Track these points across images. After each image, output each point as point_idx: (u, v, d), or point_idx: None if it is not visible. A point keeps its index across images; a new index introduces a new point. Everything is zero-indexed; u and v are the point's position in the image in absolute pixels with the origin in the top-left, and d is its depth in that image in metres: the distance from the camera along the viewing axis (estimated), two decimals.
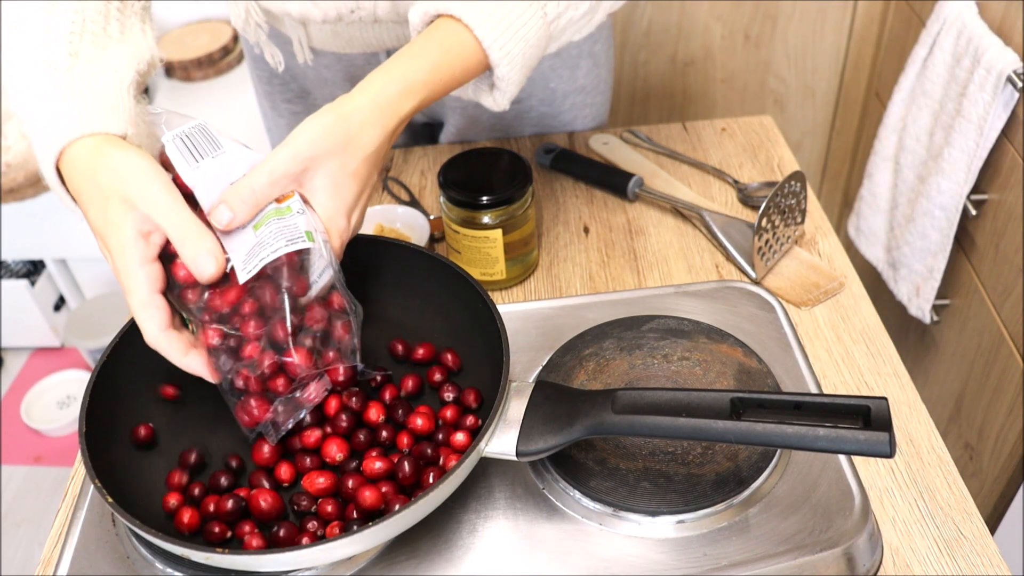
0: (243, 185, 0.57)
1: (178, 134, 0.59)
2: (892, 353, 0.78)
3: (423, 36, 0.64)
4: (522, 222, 0.83)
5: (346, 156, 0.59)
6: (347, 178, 0.60)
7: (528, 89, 1.02)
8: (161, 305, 0.58)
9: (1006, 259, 1.16)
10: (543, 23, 0.66)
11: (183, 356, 0.59)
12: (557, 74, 1.01)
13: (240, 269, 0.57)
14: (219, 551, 0.53)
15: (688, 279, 0.87)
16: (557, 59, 1.00)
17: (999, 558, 0.62)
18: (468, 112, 1.03)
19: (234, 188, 0.57)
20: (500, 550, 0.60)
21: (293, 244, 0.57)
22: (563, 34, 0.70)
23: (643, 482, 0.62)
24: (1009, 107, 1.10)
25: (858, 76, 1.73)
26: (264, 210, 0.58)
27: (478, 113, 1.03)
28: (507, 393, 0.61)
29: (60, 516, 0.69)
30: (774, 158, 1.02)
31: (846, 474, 0.62)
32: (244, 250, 0.57)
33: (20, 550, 1.72)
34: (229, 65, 1.88)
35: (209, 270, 0.56)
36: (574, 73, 1.02)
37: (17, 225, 1.79)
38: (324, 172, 0.59)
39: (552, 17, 0.67)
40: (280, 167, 0.58)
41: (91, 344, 1.87)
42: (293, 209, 0.58)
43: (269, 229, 0.57)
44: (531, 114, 1.05)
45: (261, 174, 0.57)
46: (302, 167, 0.58)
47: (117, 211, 0.57)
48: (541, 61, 0.98)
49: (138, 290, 0.57)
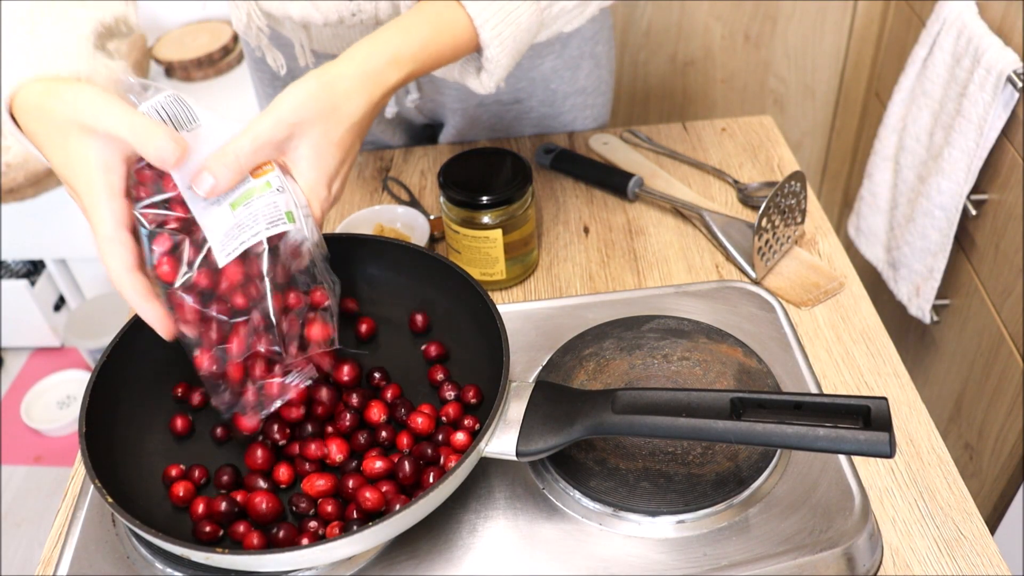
0: (226, 151, 0.56)
1: (153, 105, 0.57)
2: (892, 353, 0.78)
3: (414, 10, 0.63)
4: (522, 222, 0.83)
5: (329, 124, 0.59)
6: (330, 147, 0.59)
7: (529, 90, 1.01)
8: (127, 242, 0.56)
9: (1006, 259, 1.16)
10: (536, 8, 0.66)
11: (144, 301, 0.57)
12: (558, 75, 1.01)
13: (219, 251, 0.56)
14: (219, 551, 0.53)
15: (688, 279, 0.87)
16: (559, 60, 1.00)
17: (999, 558, 0.62)
18: (468, 113, 1.03)
19: (217, 155, 0.56)
20: (500, 550, 0.60)
21: (274, 227, 0.56)
22: (555, 23, 0.70)
23: (643, 482, 0.62)
24: (1009, 107, 1.10)
25: (858, 76, 1.73)
26: (242, 186, 0.57)
27: (478, 114, 1.03)
28: (507, 393, 0.61)
29: (60, 516, 0.69)
30: (774, 158, 1.02)
31: (846, 474, 0.62)
32: (222, 230, 0.56)
33: (20, 550, 1.72)
34: (229, 65, 1.88)
35: (170, 154, 0.54)
36: (575, 74, 1.02)
37: (17, 225, 1.79)
38: (307, 140, 0.58)
39: (545, 4, 0.67)
40: (264, 133, 0.56)
41: (91, 344, 1.87)
42: (272, 186, 0.57)
43: (249, 210, 0.56)
44: (532, 115, 1.04)
45: (245, 140, 0.56)
46: (286, 133, 0.57)
47: (77, 143, 0.55)
48: (542, 62, 0.98)
49: (103, 224, 0.55)
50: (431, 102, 1.02)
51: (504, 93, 1.01)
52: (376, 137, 1.07)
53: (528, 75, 1.00)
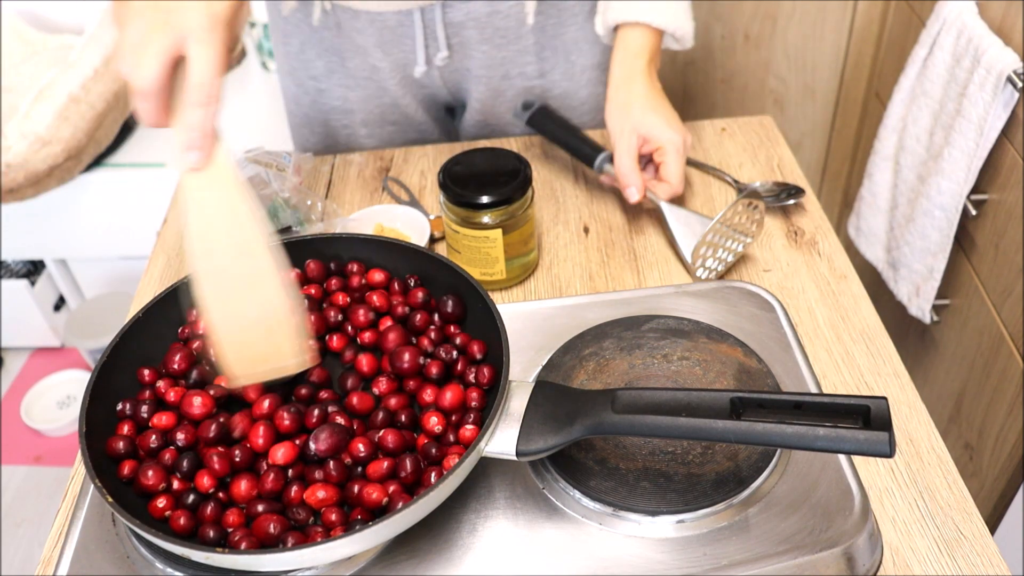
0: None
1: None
2: (892, 353, 0.78)
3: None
4: (522, 222, 0.83)
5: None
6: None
7: (552, 60, 1.04)
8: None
9: (1006, 259, 1.16)
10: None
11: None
12: (578, 47, 1.04)
13: None
14: (219, 551, 0.53)
15: (688, 279, 0.87)
16: (580, 32, 1.03)
17: (999, 558, 0.62)
18: (493, 85, 1.04)
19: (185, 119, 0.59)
20: (500, 550, 0.60)
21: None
22: None
23: (643, 482, 0.62)
24: (1009, 107, 1.10)
25: (858, 76, 1.73)
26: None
27: (503, 88, 1.05)
28: (507, 393, 0.61)
29: (60, 516, 0.69)
30: (774, 158, 1.02)
31: (846, 474, 0.62)
32: None
33: (20, 550, 1.72)
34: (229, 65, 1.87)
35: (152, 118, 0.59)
36: (593, 48, 1.05)
37: (17, 225, 1.79)
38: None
39: None
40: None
41: (91, 344, 1.87)
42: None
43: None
44: (555, 91, 1.06)
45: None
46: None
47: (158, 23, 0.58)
48: (566, 31, 1.02)
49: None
50: (457, 71, 1.04)
51: (529, 64, 1.03)
52: (396, 100, 1.07)
53: (552, 43, 1.02)
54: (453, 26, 0.99)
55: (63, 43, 1.74)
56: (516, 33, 1.00)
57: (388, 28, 0.98)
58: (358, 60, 1.02)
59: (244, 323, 0.62)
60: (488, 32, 0.99)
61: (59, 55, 1.71)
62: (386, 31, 0.99)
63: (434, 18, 0.97)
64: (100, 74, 1.61)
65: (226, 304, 0.62)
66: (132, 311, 0.83)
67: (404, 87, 1.06)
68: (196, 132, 0.59)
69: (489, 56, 1.02)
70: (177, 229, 0.99)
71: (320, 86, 1.07)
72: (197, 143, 0.59)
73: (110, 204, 1.72)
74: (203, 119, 0.59)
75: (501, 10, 0.98)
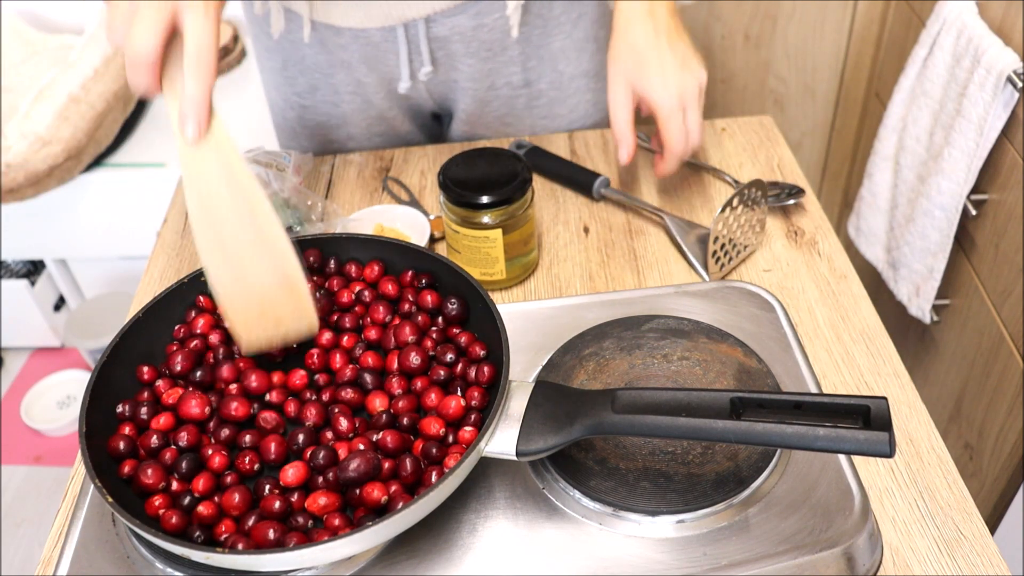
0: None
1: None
2: (892, 353, 0.78)
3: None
4: (522, 222, 0.83)
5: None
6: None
7: (539, 70, 1.03)
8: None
9: (1006, 259, 1.16)
10: None
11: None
12: (566, 56, 1.02)
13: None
14: (219, 551, 0.53)
15: (688, 279, 0.87)
16: (567, 40, 1.02)
17: (999, 558, 0.62)
18: (480, 96, 1.03)
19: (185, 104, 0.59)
20: (500, 550, 0.60)
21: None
22: None
23: (643, 482, 0.62)
24: (1009, 107, 1.10)
25: (858, 76, 1.73)
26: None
27: (489, 98, 1.04)
28: (507, 393, 0.61)
29: (60, 516, 0.69)
30: (774, 158, 1.02)
31: (846, 474, 0.62)
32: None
33: (20, 550, 1.72)
34: (229, 65, 1.88)
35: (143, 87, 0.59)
36: (580, 56, 1.04)
37: (17, 225, 1.79)
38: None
39: None
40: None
41: (91, 344, 1.87)
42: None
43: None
44: (541, 99, 1.05)
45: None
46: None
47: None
48: (551, 40, 1.01)
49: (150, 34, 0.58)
50: (443, 83, 1.03)
51: (515, 75, 1.02)
52: (383, 113, 1.07)
53: (538, 52, 1.01)
54: (438, 40, 0.97)
55: (63, 43, 1.74)
56: (501, 45, 0.99)
57: (372, 44, 0.97)
58: (343, 75, 1.02)
59: (253, 290, 0.63)
60: (474, 46, 0.98)
61: (59, 55, 1.71)
62: (370, 47, 0.98)
63: (417, 34, 0.96)
64: (100, 74, 1.61)
65: (234, 272, 0.62)
66: (132, 311, 0.83)
67: (390, 100, 1.05)
68: (193, 103, 0.58)
69: (475, 68, 1.01)
70: (177, 229, 0.99)
71: (304, 102, 1.06)
72: (194, 114, 0.59)
73: (110, 204, 1.72)
74: (201, 89, 0.58)
75: (486, 24, 0.97)
